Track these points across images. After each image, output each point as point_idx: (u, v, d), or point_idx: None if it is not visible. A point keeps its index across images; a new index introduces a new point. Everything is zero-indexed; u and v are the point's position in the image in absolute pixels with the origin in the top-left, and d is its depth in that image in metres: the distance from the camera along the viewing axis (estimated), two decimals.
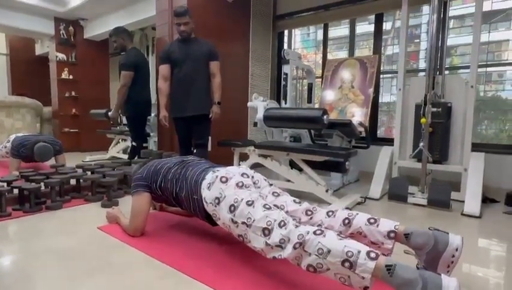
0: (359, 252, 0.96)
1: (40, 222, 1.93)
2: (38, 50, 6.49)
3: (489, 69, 3.50)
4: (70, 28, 5.33)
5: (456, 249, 1.12)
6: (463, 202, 2.37)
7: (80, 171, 2.64)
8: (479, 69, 2.68)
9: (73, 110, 5.48)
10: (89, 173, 2.63)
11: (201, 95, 2.75)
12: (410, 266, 0.96)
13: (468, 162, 2.55)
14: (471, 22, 3.75)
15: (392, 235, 1.19)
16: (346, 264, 0.96)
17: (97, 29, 5.16)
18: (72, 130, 5.44)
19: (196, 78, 2.71)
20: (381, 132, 4.19)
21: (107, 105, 5.50)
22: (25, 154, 3.07)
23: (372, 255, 0.95)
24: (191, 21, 2.67)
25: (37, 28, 5.14)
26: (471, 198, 2.33)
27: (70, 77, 5.40)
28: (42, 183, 2.23)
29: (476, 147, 2.70)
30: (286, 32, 4.63)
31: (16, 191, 2.16)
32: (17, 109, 4.98)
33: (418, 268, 0.97)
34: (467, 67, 3.01)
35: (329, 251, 1.00)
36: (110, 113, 3.58)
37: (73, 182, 2.52)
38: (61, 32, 5.28)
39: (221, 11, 3.62)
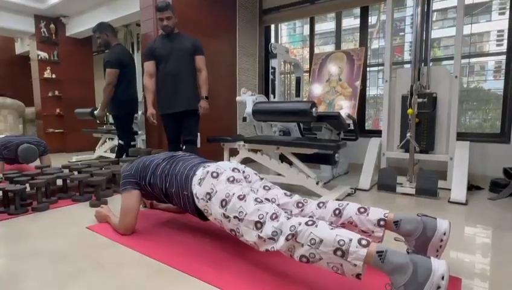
0: (351, 240, 0.97)
1: (27, 224, 1.89)
2: (19, 49, 6.29)
3: (472, 60, 3.58)
4: (52, 25, 5.18)
5: (444, 234, 1.15)
6: (449, 190, 2.43)
7: (66, 171, 2.58)
8: (462, 61, 2.74)
9: (57, 110, 5.35)
10: (76, 172, 2.57)
11: (188, 90, 2.72)
12: (400, 251, 0.97)
13: (454, 151, 2.61)
14: (453, 14, 3.83)
15: (381, 223, 1.21)
16: (339, 252, 0.97)
17: (79, 26, 5.03)
18: (56, 131, 5.31)
19: (182, 74, 2.68)
20: (368, 125, 4.24)
21: (92, 104, 5.39)
22: (8, 156, 2.99)
23: (364, 242, 0.96)
24: (173, 15, 2.64)
25: (16, 26, 4.97)
26: (457, 186, 2.39)
27: (53, 76, 5.26)
28: (27, 185, 2.17)
29: (461, 136, 2.77)
30: (273, 27, 4.62)
31: None
32: None
33: (408, 253, 0.98)
34: (450, 58, 3.07)
35: (321, 241, 1.01)
36: (96, 112, 3.51)
37: (59, 182, 2.47)
38: (42, 30, 5.12)
39: (206, 6, 3.58)
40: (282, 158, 2.73)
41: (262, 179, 1.53)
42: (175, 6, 2.75)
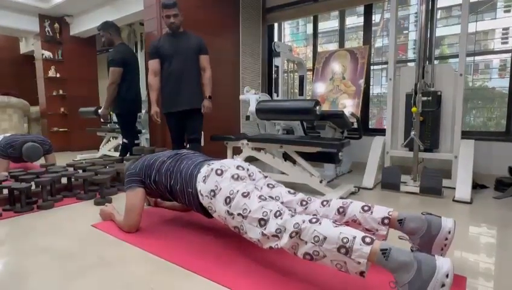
0: (354, 237, 0.97)
1: (32, 221, 1.90)
2: (23, 48, 6.34)
3: (476, 58, 3.55)
4: (56, 25, 5.21)
5: (449, 232, 1.14)
6: (454, 188, 2.41)
7: (70, 169, 2.60)
8: (467, 59, 2.72)
9: (62, 109, 5.38)
10: (80, 171, 2.59)
11: (193, 89, 2.72)
12: (404, 249, 0.97)
13: (459, 149, 2.59)
14: (458, 12, 3.79)
15: (386, 221, 1.21)
16: (342, 250, 0.97)
17: (83, 25, 5.06)
18: (61, 130, 5.35)
19: (186, 73, 2.68)
20: (372, 123, 4.22)
21: (96, 103, 5.41)
22: (13, 155, 3.01)
23: (367, 240, 0.96)
24: (179, 13, 2.64)
25: (21, 25, 5.00)
26: (462, 184, 2.38)
27: (58, 75, 5.29)
28: (33, 183, 2.19)
29: (465, 135, 2.75)
30: (276, 25, 4.61)
31: (5, 191, 2.12)
32: (4, 109, 4.87)
33: (412, 251, 0.98)
34: (455, 56, 3.04)
35: (325, 238, 1.01)
36: (100, 111, 3.52)
37: (64, 181, 2.48)
38: (46, 29, 5.15)
39: (210, 5, 3.59)
40: (286, 157, 2.73)
41: (266, 177, 1.53)
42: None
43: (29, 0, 4.67)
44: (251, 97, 2.91)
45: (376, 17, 4.19)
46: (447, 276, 0.88)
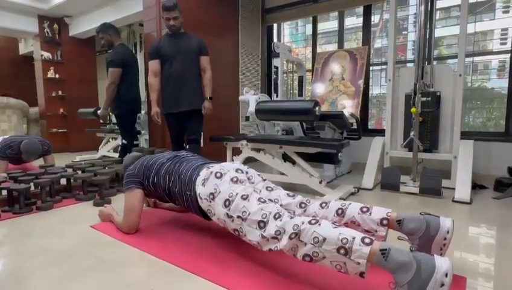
0: (354, 238, 0.97)
1: (31, 222, 1.90)
2: (22, 49, 6.33)
3: (475, 59, 3.56)
4: (55, 25, 5.20)
5: (448, 232, 1.14)
6: (453, 189, 2.41)
7: (70, 170, 2.59)
8: (466, 59, 2.72)
9: (61, 110, 5.37)
10: (79, 172, 2.58)
11: (193, 90, 2.72)
12: (403, 249, 0.97)
13: (458, 149, 2.60)
14: (457, 13, 3.80)
15: (384, 222, 1.21)
16: (342, 251, 0.97)
17: (83, 26, 5.05)
18: (60, 130, 5.34)
19: (187, 73, 2.68)
20: (371, 124, 4.23)
21: (96, 104, 5.41)
22: (12, 155, 3.00)
23: (367, 240, 0.96)
24: (180, 15, 2.64)
25: (20, 26, 5.00)
26: (461, 185, 2.38)
27: (57, 76, 5.28)
28: (32, 184, 2.19)
29: (465, 135, 2.76)
30: (275, 26, 4.61)
31: (4, 192, 2.11)
32: (3, 110, 4.86)
33: (411, 250, 0.98)
34: (454, 57, 3.05)
35: (324, 239, 1.01)
36: (99, 112, 3.52)
37: (63, 182, 2.48)
38: (45, 30, 5.15)
39: (209, 5, 3.59)
40: (285, 157, 2.73)
41: (265, 180, 1.53)
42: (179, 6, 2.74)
43: (28, 1, 4.66)
44: (250, 98, 2.91)
45: (375, 18, 4.19)
46: (446, 275, 0.88)
